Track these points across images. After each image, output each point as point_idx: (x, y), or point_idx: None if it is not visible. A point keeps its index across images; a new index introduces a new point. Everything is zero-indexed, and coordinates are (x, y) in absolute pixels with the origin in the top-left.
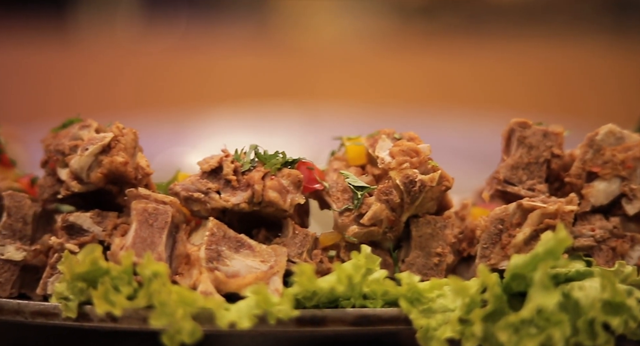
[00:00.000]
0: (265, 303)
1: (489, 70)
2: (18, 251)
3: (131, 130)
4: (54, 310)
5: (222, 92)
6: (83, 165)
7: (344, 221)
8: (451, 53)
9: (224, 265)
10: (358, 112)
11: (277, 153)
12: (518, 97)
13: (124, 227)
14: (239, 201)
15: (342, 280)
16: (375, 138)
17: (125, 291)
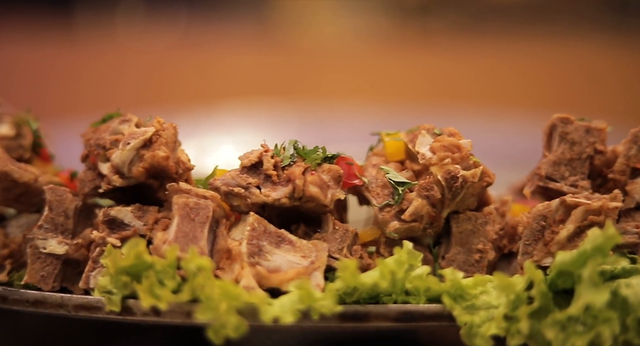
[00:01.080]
0: (308, 298)
1: (489, 69)
2: (60, 245)
3: (171, 124)
4: (97, 303)
5: (222, 89)
6: (125, 159)
7: (385, 217)
8: (451, 51)
9: (265, 260)
10: (359, 110)
11: (316, 149)
12: (518, 95)
13: (164, 222)
14: (280, 196)
15: (385, 275)
16: (415, 134)
17: (170, 285)
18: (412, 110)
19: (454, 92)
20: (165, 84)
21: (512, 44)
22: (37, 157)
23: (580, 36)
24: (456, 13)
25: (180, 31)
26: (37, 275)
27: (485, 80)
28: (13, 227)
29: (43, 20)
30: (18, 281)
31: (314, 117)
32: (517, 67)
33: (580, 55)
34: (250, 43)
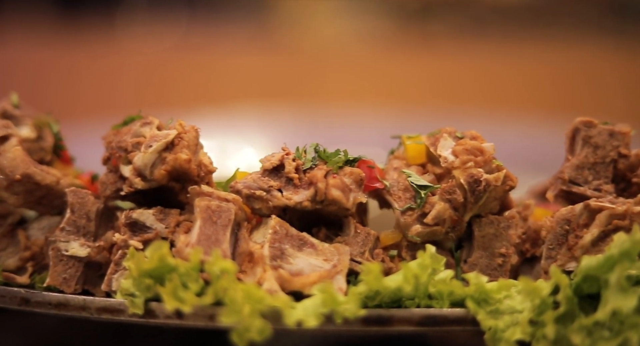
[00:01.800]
0: (332, 302)
1: (489, 71)
2: (82, 247)
3: (193, 127)
4: (120, 306)
5: (224, 91)
6: (147, 162)
7: (407, 220)
8: (452, 54)
9: (287, 263)
10: (360, 112)
11: (338, 152)
12: (520, 98)
13: (186, 224)
14: (302, 199)
15: (408, 279)
16: (437, 137)
17: (194, 288)
18: (414, 113)
19: (455, 95)
20: (166, 85)
21: (513, 47)
22: (57, 160)
23: (582, 39)
24: (457, 15)
25: (181, 33)
26: (59, 278)
27: (486, 82)
28: (34, 229)
29: (45, 22)
30: (40, 284)
31: (315, 120)
32: (519, 70)
33: (582, 58)
34: (251, 45)
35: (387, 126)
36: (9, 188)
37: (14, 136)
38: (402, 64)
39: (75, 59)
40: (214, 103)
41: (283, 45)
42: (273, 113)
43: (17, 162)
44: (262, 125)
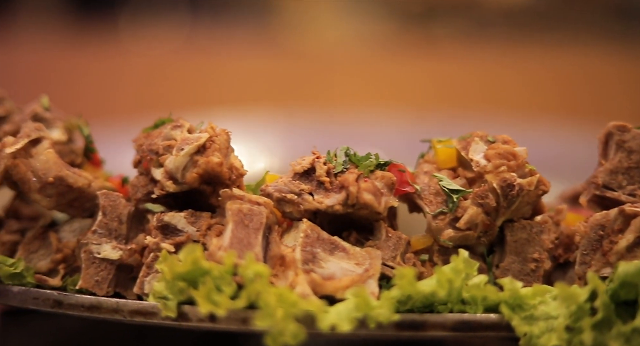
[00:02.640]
0: (365, 306)
1: (493, 74)
2: (114, 250)
3: (224, 130)
4: (152, 309)
5: (224, 94)
6: (178, 165)
7: (439, 224)
8: (455, 56)
9: (319, 267)
10: (362, 115)
11: (369, 155)
12: (521, 101)
13: (218, 228)
14: (333, 203)
15: (442, 284)
16: (468, 141)
17: (228, 291)
18: (419, 116)
19: (459, 97)
20: (170, 88)
21: (517, 50)
22: (88, 162)
23: (587, 42)
24: (461, 18)
25: (185, 35)
26: (92, 280)
27: (490, 85)
28: (66, 231)
29: (51, 25)
30: (72, 286)
31: (319, 122)
32: (523, 73)
33: (586, 61)
34: (255, 48)
35: (391, 129)
36: (41, 190)
37: (46, 139)
38: (406, 66)
39: (80, 62)
40: (217, 105)
41: (287, 47)
42: (277, 116)
43: (50, 164)
44: (265, 127)
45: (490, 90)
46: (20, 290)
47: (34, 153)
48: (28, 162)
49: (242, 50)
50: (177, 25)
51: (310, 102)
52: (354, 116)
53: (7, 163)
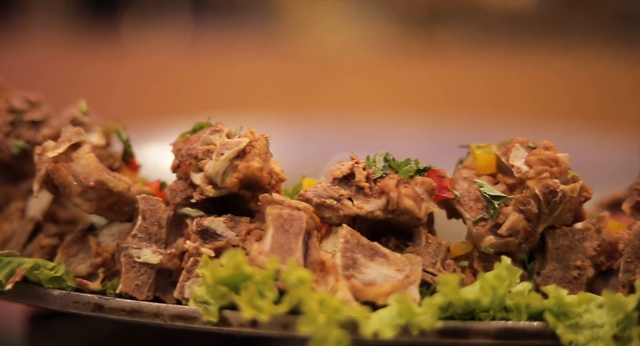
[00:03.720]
0: (408, 313)
1: (498, 79)
2: (154, 254)
3: (263, 135)
4: (193, 313)
5: (227, 97)
6: (218, 169)
7: (479, 231)
8: (458, 61)
9: (359, 273)
10: (366, 119)
11: (408, 161)
12: (527, 106)
13: (257, 232)
14: (373, 208)
15: (486, 291)
16: (508, 147)
17: (271, 296)
18: (424, 120)
19: (464, 102)
20: (173, 91)
21: (521, 55)
22: (125, 166)
23: (592, 47)
24: (466, 23)
25: (188, 39)
26: (132, 284)
27: (495, 90)
28: (105, 235)
29: (52, 26)
30: (111, 290)
31: (322, 126)
32: (529, 78)
33: (592, 67)
34: (257, 51)
35: (396, 133)
36: (82, 194)
37: (87, 143)
38: (411, 71)
39: (83, 64)
40: (221, 109)
41: (291, 51)
42: (280, 119)
43: (91, 168)
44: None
45: (495, 95)
46: (61, 294)
47: (75, 158)
48: (69, 166)
49: (245, 53)
50: (181, 28)
51: (314, 106)
52: (358, 120)
53: (48, 167)
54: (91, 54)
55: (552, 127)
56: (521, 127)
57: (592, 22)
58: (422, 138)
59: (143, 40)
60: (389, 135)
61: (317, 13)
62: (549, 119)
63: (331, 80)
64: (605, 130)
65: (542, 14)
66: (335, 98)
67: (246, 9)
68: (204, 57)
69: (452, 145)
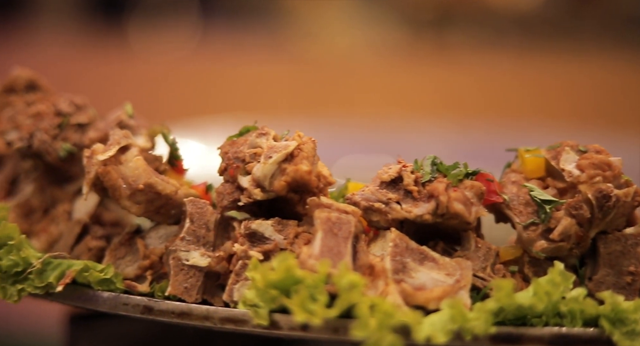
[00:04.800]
0: (461, 318)
1: (505, 82)
2: (203, 257)
3: (310, 138)
4: (243, 316)
5: (234, 101)
6: (266, 173)
7: (530, 235)
8: (466, 64)
9: (409, 277)
10: (373, 123)
11: (457, 164)
12: (530, 109)
13: (305, 236)
14: (423, 212)
15: (541, 297)
16: (558, 151)
17: (322, 300)
18: (425, 123)
19: (472, 106)
20: (180, 94)
21: (530, 58)
22: (171, 169)
23: (602, 51)
24: (474, 27)
25: (196, 42)
26: (181, 287)
27: (497, 93)
28: (152, 238)
29: (60, 29)
30: (159, 293)
31: (329, 128)
32: (530, 81)
33: (601, 71)
34: (265, 54)
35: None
36: (131, 197)
37: (134, 146)
38: (415, 74)
39: (91, 67)
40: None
41: (300, 55)
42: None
43: (140, 171)
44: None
45: (504, 98)
46: (110, 296)
47: (124, 161)
48: (118, 169)
49: (253, 56)
50: (189, 30)
51: (323, 109)
52: (366, 123)
53: (98, 170)
54: (99, 56)
55: (564, 130)
56: (531, 130)
57: (603, 25)
58: (432, 141)
59: (151, 42)
60: (398, 138)
61: (326, 16)
62: (558, 123)
63: (340, 83)
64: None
65: (552, 17)
66: (343, 101)
67: (254, 12)
68: (212, 60)
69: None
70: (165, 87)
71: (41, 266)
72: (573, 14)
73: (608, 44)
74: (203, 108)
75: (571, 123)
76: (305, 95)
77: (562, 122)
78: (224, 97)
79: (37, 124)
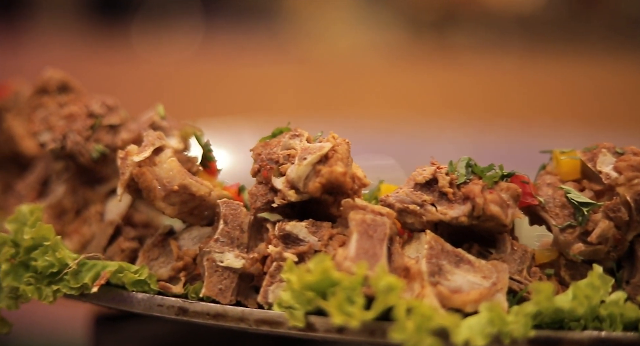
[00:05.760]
0: (499, 321)
1: (504, 84)
2: (237, 259)
3: (344, 140)
4: (279, 318)
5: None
6: (301, 174)
7: (567, 238)
8: (466, 66)
9: (445, 280)
10: (376, 123)
11: (492, 166)
12: (533, 111)
13: (339, 238)
14: (458, 214)
15: (581, 300)
16: (594, 153)
17: (360, 302)
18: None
19: (468, 106)
20: (182, 96)
21: (533, 60)
22: (203, 170)
23: (607, 53)
24: (477, 28)
25: (198, 43)
26: (215, 288)
27: (499, 94)
28: (185, 239)
29: (61, 29)
30: (193, 294)
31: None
32: (532, 82)
33: (607, 71)
34: (268, 55)
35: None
36: (166, 198)
37: (168, 147)
38: (417, 75)
39: (92, 68)
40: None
41: (302, 56)
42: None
43: (174, 173)
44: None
45: (506, 100)
46: (145, 297)
47: (158, 162)
48: (153, 170)
49: (256, 57)
50: (191, 31)
51: (326, 110)
52: (369, 124)
53: (133, 172)
54: (102, 57)
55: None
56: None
57: (606, 26)
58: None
59: (154, 43)
60: (401, 139)
61: (328, 17)
62: (563, 124)
63: (342, 84)
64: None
65: (555, 19)
66: (346, 102)
67: (257, 13)
68: (215, 61)
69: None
70: (168, 88)
71: (77, 267)
72: (576, 15)
73: (611, 45)
74: (206, 110)
75: (574, 124)
76: (307, 96)
77: (566, 123)
78: (227, 98)
79: (70, 125)
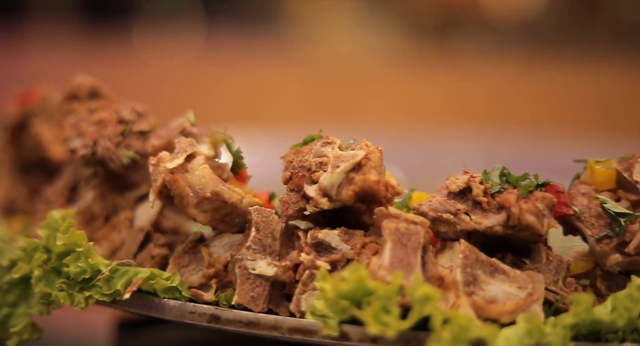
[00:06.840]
0: (537, 333)
1: (507, 90)
2: (269, 266)
3: (377, 148)
4: (312, 327)
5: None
6: (334, 182)
7: (604, 249)
8: (469, 72)
9: (480, 290)
10: (377, 129)
11: (527, 175)
12: (535, 117)
13: (372, 246)
14: (493, 223)
15: (621, 312)
16: (630, 162)
17: (396, 312)
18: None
19: (470, 112)
20: (184, 100)
21: (535, 66)
22: (233, 177)
23: (608, 59)
24: (477, 33)
25: (200, 46)
26: (247, 296)
27: (501, 100)
28: (216, 246)
29: (62, 32)
30: (224, 302)
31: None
32: (533, 88)
33: (608, 77)
34: (269, 60)
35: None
36: (198, 205)
37: (200, 154)
38: (418, 80)
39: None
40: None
41: (304, 60)
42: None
43: (207, 179)
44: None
45: (508, 106)
46: (177, 304)
47: (190, 169)
48: (185, 177)
49: (257, 61)
50: (193, 35)
51: (327, 115)
52: (370, 129)
53: (165, 178)
54: (103, 60)
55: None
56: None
57: (609, 32)
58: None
59: (155, 47)
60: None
61: (330, 21)
62: (566, 130)
63: (344, 89)
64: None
65: (558, 24)
66: (347, 107)
67: (258, 17)
68: (216, 65)
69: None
70: (169, 91)
71: (109, 274)
72: (579, 20)
73: (614, 51)
74: (206, 114)
75: (577, 131)
76: (309, 101)
77: (568, 129)
78: (228, 102)
79: (101, 131)
